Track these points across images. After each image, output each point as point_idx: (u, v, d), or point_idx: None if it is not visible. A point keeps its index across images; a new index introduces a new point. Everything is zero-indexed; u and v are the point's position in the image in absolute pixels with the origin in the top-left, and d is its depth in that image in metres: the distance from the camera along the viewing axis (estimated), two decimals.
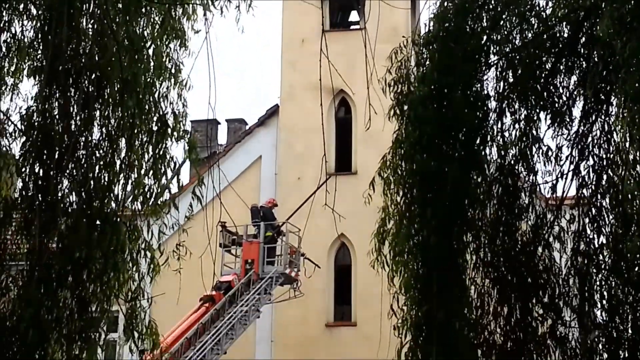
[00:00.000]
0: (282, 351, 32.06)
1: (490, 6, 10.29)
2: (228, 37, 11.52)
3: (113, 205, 8.38)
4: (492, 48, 10.35)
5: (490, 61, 10.36)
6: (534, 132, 10.43)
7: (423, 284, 9.12)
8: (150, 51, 8.79)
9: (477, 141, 10.08)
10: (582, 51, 10.31)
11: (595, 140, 10.28)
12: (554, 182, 10.31)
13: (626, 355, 8.43)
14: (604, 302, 9.17)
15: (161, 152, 8.56)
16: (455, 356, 8.44)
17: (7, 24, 8.96)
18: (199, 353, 23.94)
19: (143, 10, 8.72)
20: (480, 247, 9.93)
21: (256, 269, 27.48)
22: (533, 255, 9.79)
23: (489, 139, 10.29)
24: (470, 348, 8.63)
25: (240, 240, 27.71)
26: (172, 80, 8.91)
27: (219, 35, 8.79)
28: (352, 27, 31.86)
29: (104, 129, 8.68)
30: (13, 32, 9.02)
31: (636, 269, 9.19)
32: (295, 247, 28.32)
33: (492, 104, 10.43)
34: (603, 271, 9.54)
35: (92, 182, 8.41)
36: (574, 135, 10.38)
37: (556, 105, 10.42)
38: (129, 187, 8.50)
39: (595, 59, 9.98)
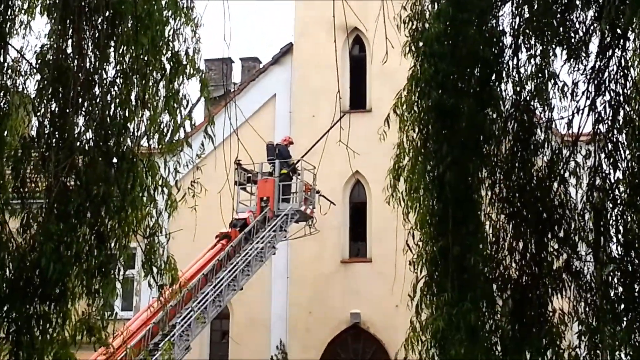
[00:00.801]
0: (297, 287, 32.32)
1: None
2: None
3: (129, 142, 8.38)
4: None
5: None
6: (550, 67, 10.32)
7: (438, 220, 9.11)
8: None
9: (493, 77, 9.99)
10: None
11: (612, 76, 10.17)
12: (570, 117, 10.23)
13: None
14: (620, 236, 9.14)
15: (174, 90, 8.53)
16: (471, 290, 8.46)
17: None
18: (216, 289, 24.17)
19: None
20: (496, 183, 9.90)
21: (271, 206, 27.61)
22: (549, 191, 9.75)
23: (504, 75, 10.19)
24: (485, 282, 8.65)
25: (256, 177, 27.80)
26: (186, 18, 8.85)
27: None
28: None
29: (118, 67, 8.65)
30: None
31: None
32: (310, 185, 28.40)
33: (508, 40, 10.32)
34: (619, 206, 9.50)
35: (107, 119, 8.41)
36: (590, 71, 10.26)
37: (572, 40, 10.29)
38: (143, 125, 8.50)
39: None
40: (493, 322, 8.86)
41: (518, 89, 10.25)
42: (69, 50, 8.66)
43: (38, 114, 8.48)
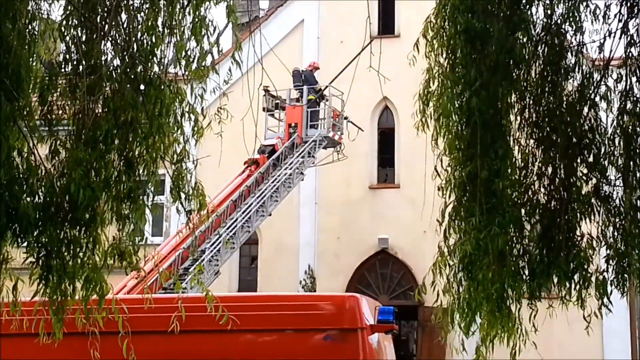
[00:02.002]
0: (325, 213, 32.52)
1: None
2: None
3: (156, 68, 8.35)
4: None
5: None
6: None
7: (467, 145, 9.05)
8: None
9: (523, 0, 9.83)
10: None
11: None
12: (602, 41, 10.06)
13: None
14: None
15: (201, 16, 8.46)
16: (499, 215, 8.45)
17: None
18: (245, 215, 24.34)
19: None
20: (525, 108, 9.79)
21: (299, 132, 27.63)
22: (579, 115, 9.64)
23: None
24: (513, 207, 8.62)
25: (284, 104, 27.77)
26: None
27: None
28: None
29: None
30: None
31: None
32: (338, 111, 28.34)
33: None
34: None
35: (134, 45, 8.37)
36: None
37: None
38: (170, 52, 8.45)
39: None
40: (521, 246, 8.86)
41: (549, 11, 10.07)
42: None
43: (64, 40, 8.44)
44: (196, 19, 8.39)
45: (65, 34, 8.34)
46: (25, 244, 7.59)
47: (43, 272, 7.53)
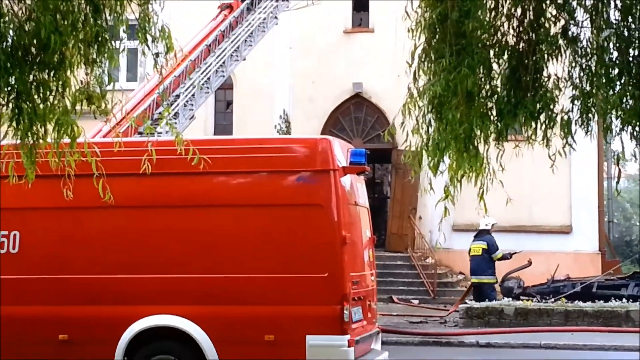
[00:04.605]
0: (300, 58, 32.43)
1: None
2: None
3: None
4: None
5: None
6: None
7: None
8: None
9: None
10: None
11: None
12: None
13: (636, 53, 8.39)
14: (617, 1, 8.97)
15: None
16: (468, 56, 8.44)
17: None
18: (219, 60, 24.19)
19: None
20: None
21: None
22: None
23: None
24: (483, 48, 8.61)
25: None
26: None
27: None
28: None
29: None
30: None
31: None
32: None
33: None
34: None
35: None
36: None
37: None
38: None
39: None
40: (489, 87, 8.88)
41: None
42: None
43: None
44: None
45: None
46: None
47: (14, 115, 7.51)
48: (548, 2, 9.26)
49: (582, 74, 8.66)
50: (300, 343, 11.81)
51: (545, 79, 8.75)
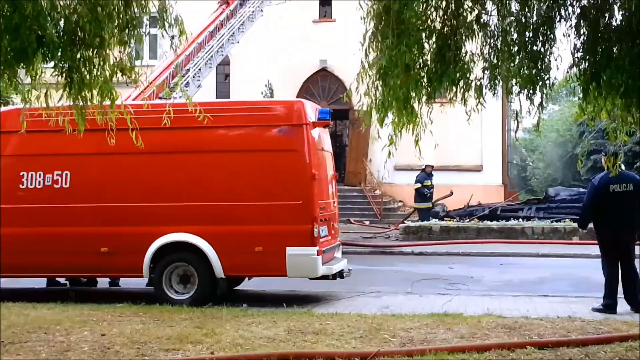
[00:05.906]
0: (280, 42, 32.12)
1: None
2: None
3: None
4: None
5: None
6: None
7: None
8: None
9: None
10: None
11: None
12: None
13: (530, 35, 8.42)
14: None
15: None
16: (406, 37, 8.44)
17: None
18: (219, 42, 24.13)
19: None
20: None
21: None
22: None
23: None
24: (417, 32, 8.59)
25: None
26: None
27: None
28: None
29: None
30: None
31: None
32: None
33: None
34: None
35: None
36: None
37: None
38: None
39: None
40: (422, 61, 8.87)
41: None
42: None
43: None
44: None
45: None
46: (52, 63, 7.47)
47: (67, 84, 7.44)
48: None
49: (490, 51, 8.67)
50: (281, 252, 11.95)
51: (464, 55, 8.74)
